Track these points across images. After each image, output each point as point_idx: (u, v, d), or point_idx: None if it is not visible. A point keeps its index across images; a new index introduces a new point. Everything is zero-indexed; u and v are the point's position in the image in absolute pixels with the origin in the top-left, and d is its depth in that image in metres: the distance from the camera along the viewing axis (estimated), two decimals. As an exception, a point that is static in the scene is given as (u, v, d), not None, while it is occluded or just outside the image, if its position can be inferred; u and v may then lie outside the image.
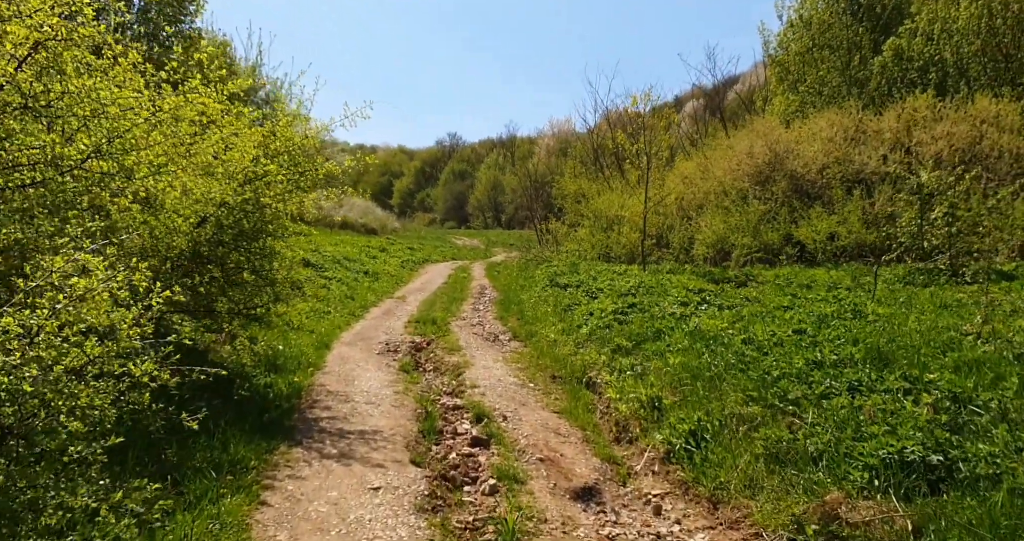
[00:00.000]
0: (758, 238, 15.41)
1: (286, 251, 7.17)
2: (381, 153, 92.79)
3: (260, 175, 5.84)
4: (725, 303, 8.61)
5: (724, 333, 6.45)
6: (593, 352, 7.75)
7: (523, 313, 11.79)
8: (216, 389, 5.82)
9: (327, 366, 7.59)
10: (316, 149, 6.91)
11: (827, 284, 10.20)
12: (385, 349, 9.01)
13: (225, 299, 6.16)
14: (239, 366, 6.58)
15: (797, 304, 7.70)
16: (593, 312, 9.42)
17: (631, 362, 6.62)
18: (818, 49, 22.64)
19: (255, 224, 5.94)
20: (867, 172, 15.93)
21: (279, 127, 5.90)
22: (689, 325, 7.07)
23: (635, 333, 7.50)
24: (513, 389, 6.84)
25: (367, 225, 40.27)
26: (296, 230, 6.45)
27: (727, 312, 7.81)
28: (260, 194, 5.86)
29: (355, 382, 6.83)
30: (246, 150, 5.79)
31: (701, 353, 5.83)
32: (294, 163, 6.15)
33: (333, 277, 15.99)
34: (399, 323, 11.30)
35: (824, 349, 4.75)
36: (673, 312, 8.28)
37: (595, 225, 22.01)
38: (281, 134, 6.02)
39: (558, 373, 7.62)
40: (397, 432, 5.27)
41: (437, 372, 7.94)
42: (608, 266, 16.83)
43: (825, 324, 5.78)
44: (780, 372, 4.66)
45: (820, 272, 11.92)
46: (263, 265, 6.06)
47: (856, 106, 18.09)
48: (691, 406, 5.08)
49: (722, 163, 19.08)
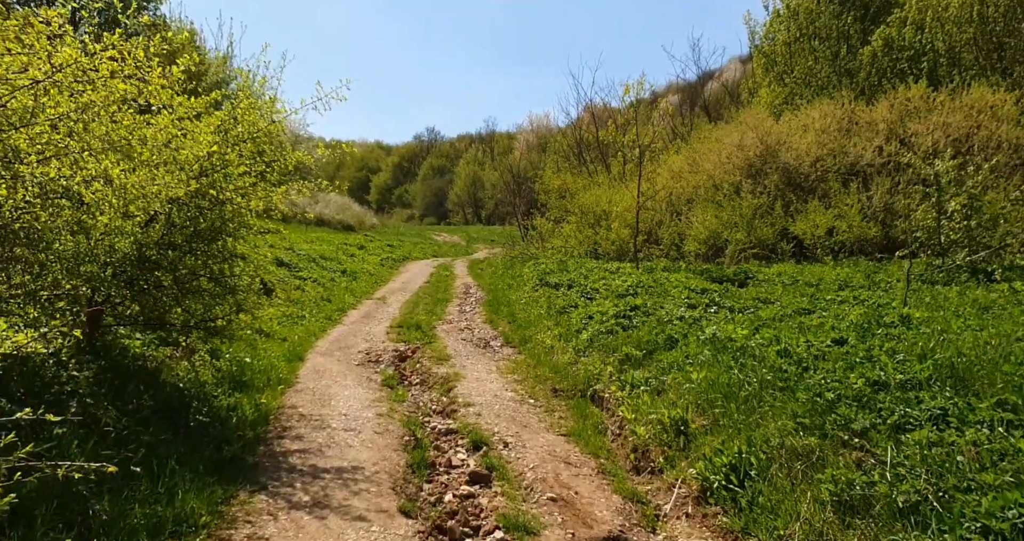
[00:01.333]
0: (752, 233, 14.84)
1: (253, 254, 6.32)
2: (358, 148, 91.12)
3: (218, 166, 4.99)
4: (736, 305, 7.95)
5: (748, 342, 5.76)
6: (597, 361, 7.02)
7: (514, 315, 11.03)
8: (168, 415, 4.98)
9: (300, 382, 6.75)
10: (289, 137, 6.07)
11: (836, 282, 9.61)
12: (365, 359, 8.18)
13: (180, 309, 5.29)
14: (198, 385, 5.73)
15: (818, 306, 7.06)
16: (593, 315, 8.69)
17: (644, 375, 5.90)
18: (806, 39, 22.18)
19: (213, 223, 5.08)
20: (862, 164, 15.45)
21: (240, 110, 5.04)
22: (705, 332, 6.37)
23: (644, 340, 6.79)
24: (512, 407, 6.08)
25: (344, 222, 39.20)
26: (262, 228, 5.59)
27: (741, 316, 7.13)
28: (219, 188, 5.01)
29: (332, 402, 6.00)
30: (201, 137, 4.94)
31: (729, 367, 5.12)
32: (259, 152, 5.30)
33: (308, 277, 15.06)
34: (380, 328, 10.47)
35: (885, 366, 4.07)
36: (682, 316, 7.59)
37: (582, 221, 21.31)
38: (243, 118, 5.16)
39: (559, 386, 6.88)
40: (381, 468, 4.48)
41: (425, 386, 7.15)
42: (599, 264, 16.14)
43: (868, 333, 5.12)
44: (835, 394, 3.97)
45: (824, 269, 11.36)
46: (223, 270, 5.20)
47: (848, 96, 17.61)
48: (725, 432, 4.37)
49: (711, 156, 18.49)
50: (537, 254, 21.97)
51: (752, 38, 25.45)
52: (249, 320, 5.77)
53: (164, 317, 5.25)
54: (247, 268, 5.59)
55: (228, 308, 5.36)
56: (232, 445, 4.66)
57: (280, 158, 5.53)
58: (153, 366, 5.59)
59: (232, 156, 4.96)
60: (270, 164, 5.48)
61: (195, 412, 5.15)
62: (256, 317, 6.10)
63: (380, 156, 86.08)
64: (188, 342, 5.92)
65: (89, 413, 4.21)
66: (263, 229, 5.62)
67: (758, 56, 25.35)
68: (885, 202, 13.93)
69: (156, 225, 4.86)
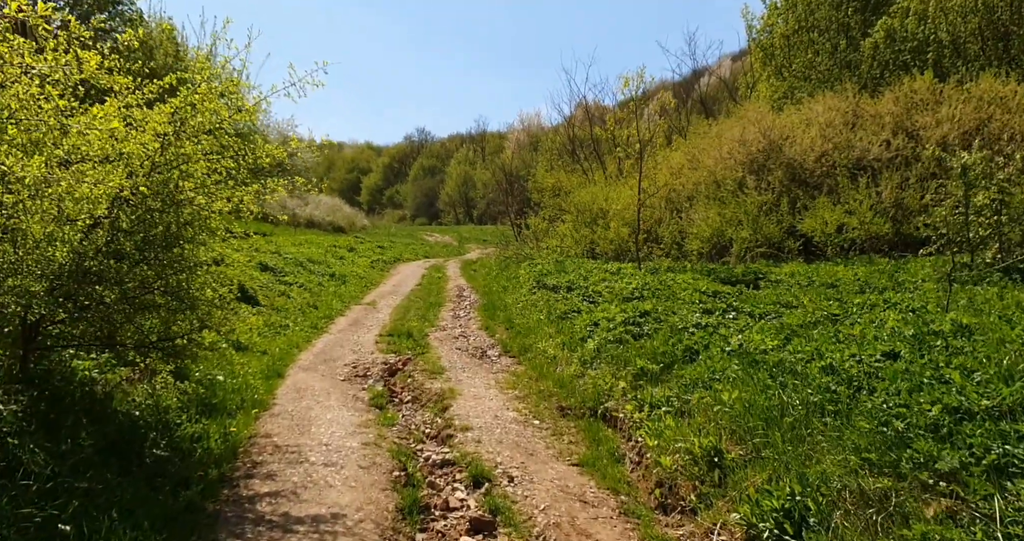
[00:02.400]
0: (759, 232, 14.24)
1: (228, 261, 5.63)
2: (349, 149, 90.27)
3: (172, 161, 4.29)
4: (755, 310, 7.31)
5: (781, 354, 5.12)
6: (607, 375, 6.37)
7: (511, 321, 10.36)
8: (117, 452, 4.29)
9: (278, 403, 6.06)
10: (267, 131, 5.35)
11: (856, 283, 9.01)
12: (352, 373, 7.49)
13: (131, 327, 4.59)
14: (158, 412, 5.02)
15: (849, 312, 6.43)
16: (598, 322, 8.04)
17: (664, 393, 5.25)
18: (804, 31, 21.65)
19: (168, 227, 4.39)
20: (869, 158, 14.89)
21: (198, 95, 4.34)
22: (731, 342, 5.72)
23: (660, 352, 6.14)
24: (515, 430, 5.42)
25: (335, 223, 38.47)
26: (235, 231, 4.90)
27: (765, 323, 6.49)
28: (174, 186, 4.31)
29: (312, 428, 5.31)
30: (152, 128, 4.25)
31: (765, 386, 4.48)
32: (222, 146, 4.61)
33: (294, 282, 14.34)
34: (369, 337, 9.78)
35: (963, 388, 3.43)
36: (698, 323, 6.95)
37: (578, 220, 20.67)
38: (203, 106, 4.46)
39: (566, 403, 6.22)
40: (367, 514, 3.80)
41: (417, 404, 6.47)
42: (597, 264, 15.50)
43: (922, 344, 4.49)
44: (905, 423, 3.33)
45: (837, 268, 10.75)
46: (180, 282, 4.50)
47: (852, 89, 17.07)
48: (770, 466, 3.72)
49: (711, 152, 17.88)
50: (532, 254, 21.31)
51: (750, 32, 24.94)
52: (215, 338, 5.06)
53: (115, 336, 4.55)
54: (213, 278, 4.89)
55: (188, 325, 4.66)
56: (191, 488, 3.97)
57: (248, 153, 4.84)
58: (104, 391, 4.88)
59: (189, 148, 4.27)
60: (237, 158, 4.80)
61: (152, 445, 4.46)
62: (224, 334, 5.39)
63: (371, 157, 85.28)
64: (147, 363, 5.22)
65: (14, 457, 3.53)
66: (228, 232, 4.92)
67: (756, 50, 24.82)
68: (896, 197, 13.36)
69: (99, 231, 4.16)
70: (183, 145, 4.32)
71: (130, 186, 4.06)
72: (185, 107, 4.33)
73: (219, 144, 4.52)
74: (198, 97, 4.30)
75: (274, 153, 4.80)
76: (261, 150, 4.83)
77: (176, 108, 4.34)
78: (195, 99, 4.32)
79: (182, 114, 4.36)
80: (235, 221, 5.14)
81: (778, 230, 14.10)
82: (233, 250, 14.64)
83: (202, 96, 4.35)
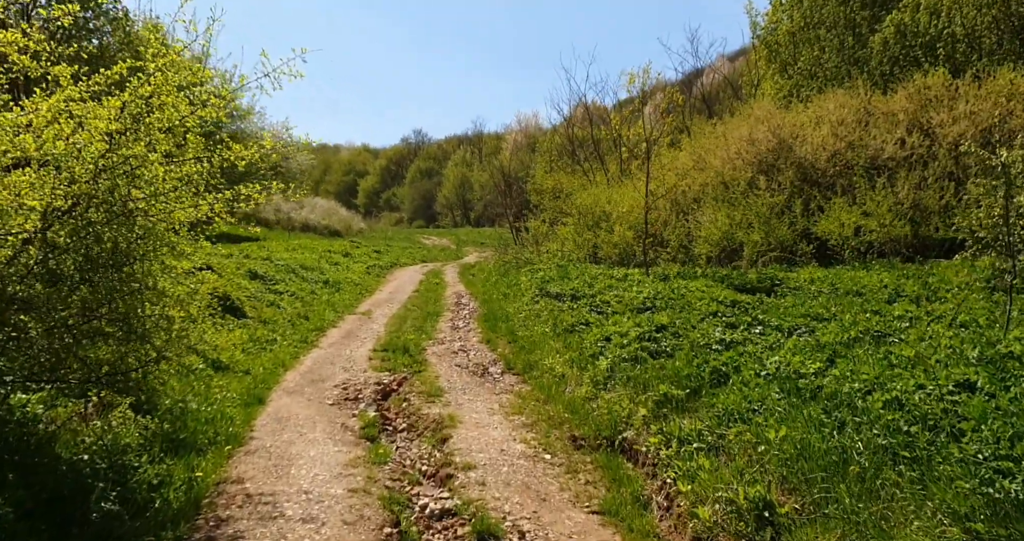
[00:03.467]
0: (771, 234, 13.61)
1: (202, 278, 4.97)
2: (345, 152, 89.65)
3: (119, 165, 3.63)
4: (783, 323, 6.67)
5: (824, 379, 4.47)
6: (623, 399, 5.72)
7: (514, 333, 9.71)
8: (59, 506, 3.64)
9: (256, 436, 5.39)
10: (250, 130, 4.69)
11: (884, 291, 8.38)
12: (342, 396, 6.83)
13: (75, 361, 3.93)
14: (112, 453, 4.36)
15: (892, 327, 5.79)
16: (610, 337, 7.39)
17: (694, 425, 4.60)
18: (811, 28, 21.06)
19: (116, 243, 3.73)
20: (883, 157, 14.28)
21: (149, 86, 3.68)
22: (766, 364, 5.08)
23: (683, 374, 5.49)
24: (524, 468, 4.76)
25: (331, 227, 37.85)
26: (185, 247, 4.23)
27: (799, 340, 5.85)
28: (121, 194, 3.66)
29: (292, 469, 4.65)
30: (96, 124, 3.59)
31: (819, 422, 3.83)
32: (179, 145, 3.96)
33: (285, 291, 13.66)
34: (362, 351, 9.12)
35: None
36: (722, 339, 6.31)
37: (580, 223, 20.00)
38: (158, 100, 3.80)
39: (579, 432, 5.56)
40: (350, 590, 3.14)
41: (413, 433, 5.82)
42: (602, 269, 14.85)
43: (1003, 372, 3.85)
44: (1021, 484, 2.69)
45: (858, 273, 10.12)
46: (133, 308, 3.84)
47: (864, 86, 16.47)
48: (837, 527, 3.08)
49: (718, 152, 17.25)
50: (532, 259, 20.66)
51: (754, 29, 24.36)
52: (167, 370, 4.40)
53: (56, 370, 3.89)
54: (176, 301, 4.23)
55: (142, 356, 4.00)
56: (140, 555, 3.32)
57: (215, 155, 4.19)
58: (48, 432, 4.22)
59: (139, 148, 3.61)
60: (201, 161, 4.14)
61: (100, 498, 3.80)
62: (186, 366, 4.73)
63: (367, 159, 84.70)
64: (102, 396, 4.56)
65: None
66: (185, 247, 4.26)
67: (760, 47, 24.23)
68: (914, 198, 12.73)
69: (31, 249, 3.50)
70: (134, 146, 3.66)
71: (68, 195, 3.41)
72: (135, 100, 3.67)
73: (177, 144, 3.86)
74: (150, 88, 3.65)
75: (244, 154, 4.14)
76: (230, 152, 4.17)
77: (125, 102, 3.68)
78: (146, 91, 3.67)
79: (132, 109, 3.71)
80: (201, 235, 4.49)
81: (791, 233, 13.48)
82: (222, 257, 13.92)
83: (156, 87, 3.69)
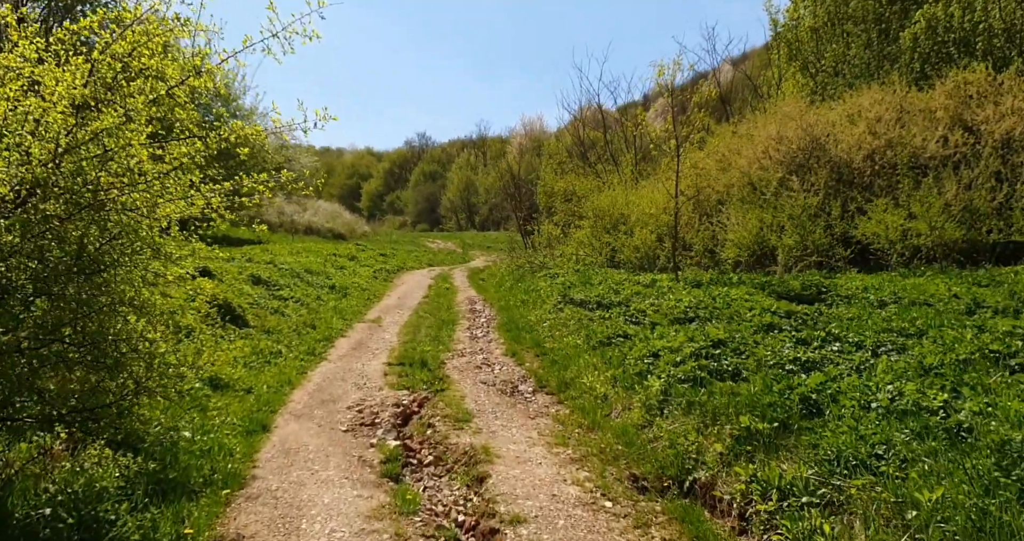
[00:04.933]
0: (807, 238, 12.76)
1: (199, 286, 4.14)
2: (348, 155, 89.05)
3: (84, 144, 2.82)
4: (863, 338, 5.81)
5: (959, 415, 3.62)
6: (688, 430, 4.87)
7: (541, 345, 8.86)
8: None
9: (259, 475, 4.54)
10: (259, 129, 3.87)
11: (953, 300, 7.53)
12: (357, 421, 5.99)
13: (32, 394, 3.10)
14: (85, 502, 3.53)
15: (1013, 347, 4.93)
16: (658, 352, 6.55)
17: (798, 473, 3.73)
18: (838, 23, 20.25)
19: (84, 245, 2.91)
20: (925, 156, 13.44)
21: (125, 42, 2.86)
22: (876, 393, 4.21)
23: (762, 401, 4.64)
24: (584, 520, 3.91)
25: (335, 230, 37.11)
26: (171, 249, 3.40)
27: (892, 362, 5.00)
28: (91, 181, 2.84)
29: (303, 523, 3.80)
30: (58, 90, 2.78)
31: (992, 480, 2.98)
32: (164, 118, 3.14)
33: (290, 297, 12.84)
34: (375, 365, 8.28)
35: None
36: (796, 357, 5.46)
37: (596, 225, 19.16)
38: (139, 61, 2.98)
39: (639, 471, 4.71)
40: None
41: (441, 467, 4.98)
42: (625, 275, 14.01)
43: None
44: None
45: (917, 281, 9.27)
46: (105, 327, 3.01)
47: (899, 82, 15.65)
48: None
49: (745, 151, 16.42)
50: (547, 263, 19.82)
51: (774, 26, 23.51)
52: (146, 407, 3.58)
53: (5, 407, 3.06)
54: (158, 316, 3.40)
55: (119, 389, 3.17)
56: None
57: (211, 134, 3.37)
58: (3, 478, 3.39)
59: (110, 120, 2.79)
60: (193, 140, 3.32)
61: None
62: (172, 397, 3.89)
63: (371, 162, 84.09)
64: (72, 432, 3.73)
65: None
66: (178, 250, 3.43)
67: (780, 44, 23.42)
68: (963, 199, 11.89)
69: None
70: (105, 117, 2.84)
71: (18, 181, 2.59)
72: (108, 61, 2.85)
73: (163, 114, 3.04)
74: (126, 44, 2.83)
75: (248, 132, 3.32)
76: (228, 130, 3.35)
77: (95, 62, 2.86)
78: (122, 49, 2.84)
79: (105, 72, 2.89)
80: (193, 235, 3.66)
81: (827, 236, 12.64)
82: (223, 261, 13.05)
83: (134, 44, 2.87)
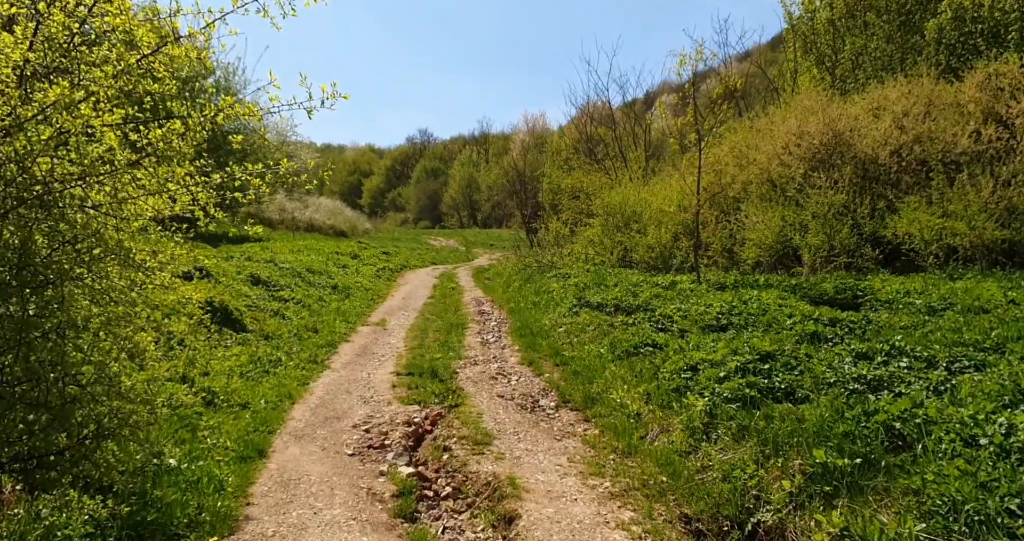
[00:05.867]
0: (834, 238, 12.13)
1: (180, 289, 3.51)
2: (350, 152, 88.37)
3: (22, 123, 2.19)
4: (936, 353, 5.17)
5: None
6: (744, 460, 4.25)
7: (560, 353, 8.23)
8: None
9: (253, 515, 3.92)
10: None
11: (1011, 306, 6.89)
12: (364, 442, 5.37)
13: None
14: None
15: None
16: (697, 366, 5.92)
17: (907, 527, 3.11)
18: (859, 14, 19.58)
19: (28, 250, 2.28)
20: (956, 152, 12.78)
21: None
22: (983, 425, 3.59)
23: (835, 430, 4.01)
24: (639, 576, 3.29)
25: (336, 227, 36.45)
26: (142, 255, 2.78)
27: (978, 381, 4.37)
28: (30, 168, 2.21)
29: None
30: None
31: None
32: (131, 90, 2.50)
33: (291, 298, 12.22)
34: (382, 374, 7.66)
35: None
36: (860, 375, 4.83)
37: (608, 224, 18.51)
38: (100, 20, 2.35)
39: (691, 510, 4.08)
40: None
41: (461, 502, 4.35)
42: (643, 276, 13.37)
43: None
44: None
45: (966, 284, 8.61)
46: (55, 357, 2.38)
47: (928, 73, 15.00)
48: None
49: (764, 147, 15.76)
50: (555, 262, 19.19)
51: (789, 18, 22.81)
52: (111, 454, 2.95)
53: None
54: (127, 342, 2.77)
55: (75, 431, 2.54)
56: None
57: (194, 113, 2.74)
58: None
59: (61, 88, 2.16)
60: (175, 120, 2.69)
61: None
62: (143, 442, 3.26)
63: (372, 159, 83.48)
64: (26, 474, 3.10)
65: None
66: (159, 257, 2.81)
67: (795, 38, 22.74)
68: (1005, 196, 11.23)
69: None
70: (56, 89, 2.21)
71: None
72: (57, 15, 2.22)
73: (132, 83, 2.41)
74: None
75: (237, 111, 2.69)
76: (215, 108, 2.72)
77: (41, 17, 2.23)
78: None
79: (55, 31, 2.25)
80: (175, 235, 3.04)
81: (855, 236, 12.01)
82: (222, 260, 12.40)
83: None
